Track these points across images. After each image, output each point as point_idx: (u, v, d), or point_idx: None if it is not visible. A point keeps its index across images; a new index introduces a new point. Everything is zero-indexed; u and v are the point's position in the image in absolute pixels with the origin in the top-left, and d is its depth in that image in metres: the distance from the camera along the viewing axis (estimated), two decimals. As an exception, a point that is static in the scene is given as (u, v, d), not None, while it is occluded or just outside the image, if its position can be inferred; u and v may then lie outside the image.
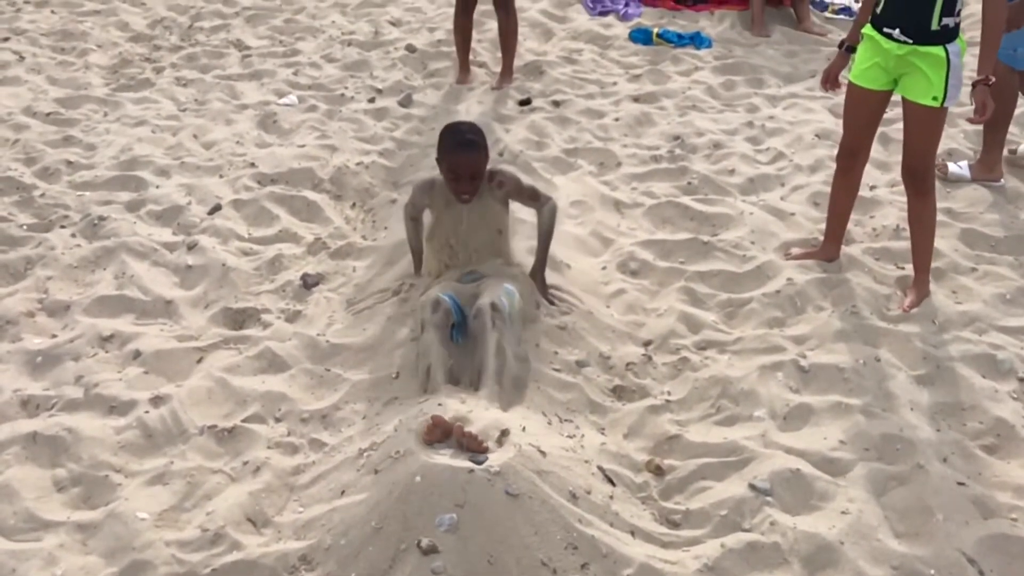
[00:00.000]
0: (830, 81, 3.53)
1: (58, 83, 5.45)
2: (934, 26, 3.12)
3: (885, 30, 3.23)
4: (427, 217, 3.34)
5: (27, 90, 5.30)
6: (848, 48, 3.49)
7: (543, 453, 2.53)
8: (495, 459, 2.42)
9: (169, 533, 2.48)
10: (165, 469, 2.69)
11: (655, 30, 6.31)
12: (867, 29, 3.33)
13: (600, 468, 2.69)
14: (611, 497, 2.58)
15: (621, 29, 6.46)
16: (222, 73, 5.68)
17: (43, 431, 2.78)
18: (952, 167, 4.37)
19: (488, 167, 3.14)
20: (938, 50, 3.15)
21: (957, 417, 2.95)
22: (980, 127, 4.30)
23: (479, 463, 2.39)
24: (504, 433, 2.55)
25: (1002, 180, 4.36)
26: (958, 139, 4.77)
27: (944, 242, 3.78)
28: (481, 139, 3.05)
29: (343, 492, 2.55)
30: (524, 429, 2.62)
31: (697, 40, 6.23)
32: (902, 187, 4.23)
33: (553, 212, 3.28)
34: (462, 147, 3.01)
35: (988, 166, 4.36)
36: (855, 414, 2.90)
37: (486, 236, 3.22)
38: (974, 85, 3.14)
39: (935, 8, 3.10)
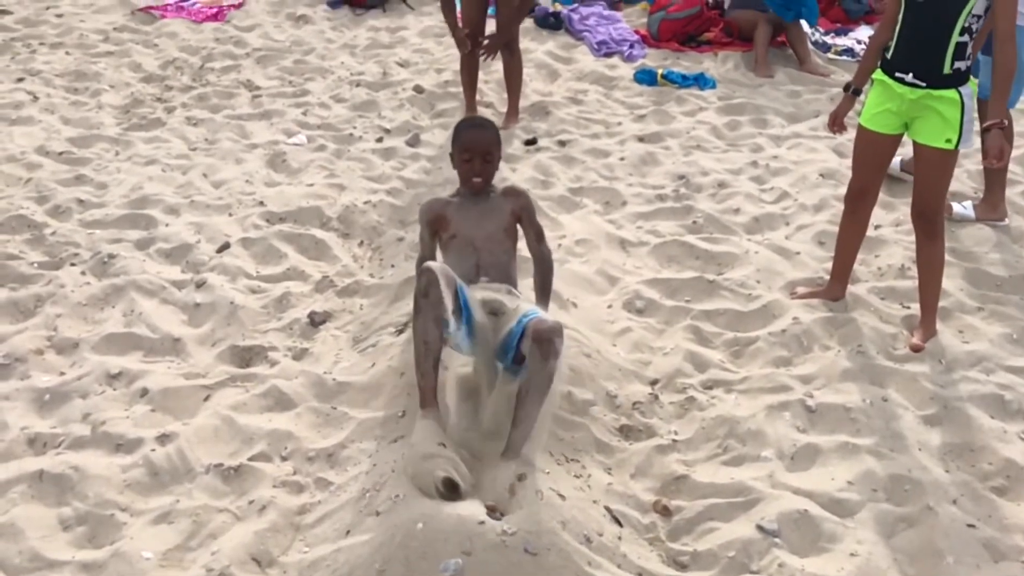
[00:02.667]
0: (837, 124, 3.56)
1: (71, 122, 5.52)
2: (947, 70, 3.16)
3: (897, 75, 3.26)
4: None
5: (40, 129, 5.37)
6: (854, 91, 3.52)
7: (563, 497, 2.51)
8: (516, 519, 2.38)
9: (174, 573, 2.47)
10: (171, 508, 2.69)
11: (660, 71, 6.39)
12: (878, 74, 3.36)
13: (607, 509, 2.67)
14: (619, 538, 2.57)
15: (626, 70, 6.54)
16: (232, 113, 5.75)
17: (50, 469, 2.78)
18: (957, 207, 4.39)
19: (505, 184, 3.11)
20: (952, 93, 3.18)
21: (966, 458, 2.94)
22: (980, 167, 4.33)
23: (495, 518, 2.36)
24: (521, 478, 2.52)
25: (1007, 220, 4.38)
26: (962, 179, 4.80)
27: (950, 282, 3.79)
28: (494, 128, 3.09)
29: (348, 532, 2.54)
30: (548, 473, 2.58)
31: (701, 81, 6.30)
32: (907, 226, 4.26)
33: (552, 261, 3.14)
34: (475, 127, 3.05)
35: (992, 206, 4.38)
36: (863, 454, 2.89)
37: (496, 233, 3.00)
38: (987, 129, 3.14)
39: (947, 53, 3.14)
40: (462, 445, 2.65)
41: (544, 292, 3.11)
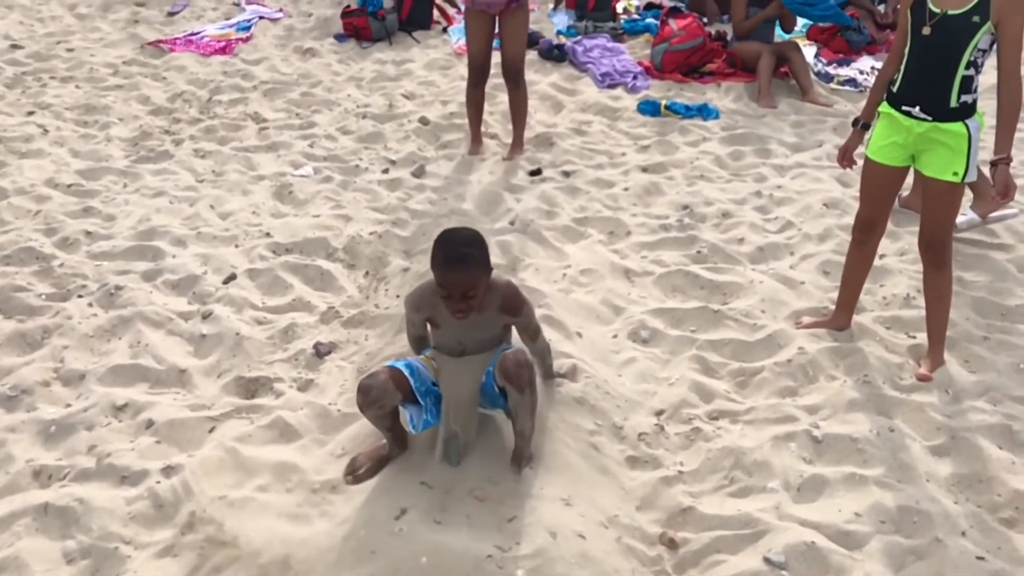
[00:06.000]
0: (846, 159, 3.57)
1: (80, 155, 5.58)
2: (953, 103, 3.16)
3: (904, 108, 3.27)
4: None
5: (50, 162, 5.43)
6: (862, 126, 3.53)
7: (583, 537, 2.50)
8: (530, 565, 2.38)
9: (177, 607, 2.46)
10: (175, 540, 2.68)
11: (663, 102, 6.43)
12: (884, 107, 3.38)
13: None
14: (632, 572, 2.55)
15: (629, 101, 6.59)
16: (239, 145, 5.81)
17: (54, 502, 2.78)
18: (959, 220, 4.38)
19: (508, 288, 2.79)
20: (958, 126, 3.19)
21: (974, 489, 2.92)
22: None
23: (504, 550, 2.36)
24: (511, 519, 2.52)
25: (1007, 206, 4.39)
26: (965, 207, 4.80)
27: (956, 311, 3.78)
28: (478, 251, 2.61)
29: (353, 565, 2.52)
30: (583, 516, 2.59)
31: (704, 111, 6.34)
32: (911, 256, 4.27)
33: (549, 350, 3.10)
34: (453, 263, 2.56)
35: (982, 195, 4.39)
36: (870, 485, 2.87)
37: (487, 340, 2.87)
38: (994, 164, 3.14)
39: (954, 86, 3.15)
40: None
41: (544, 376, 3.10)
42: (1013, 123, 3.13)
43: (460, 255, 2.57)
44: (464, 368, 2.81)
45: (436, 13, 8.47)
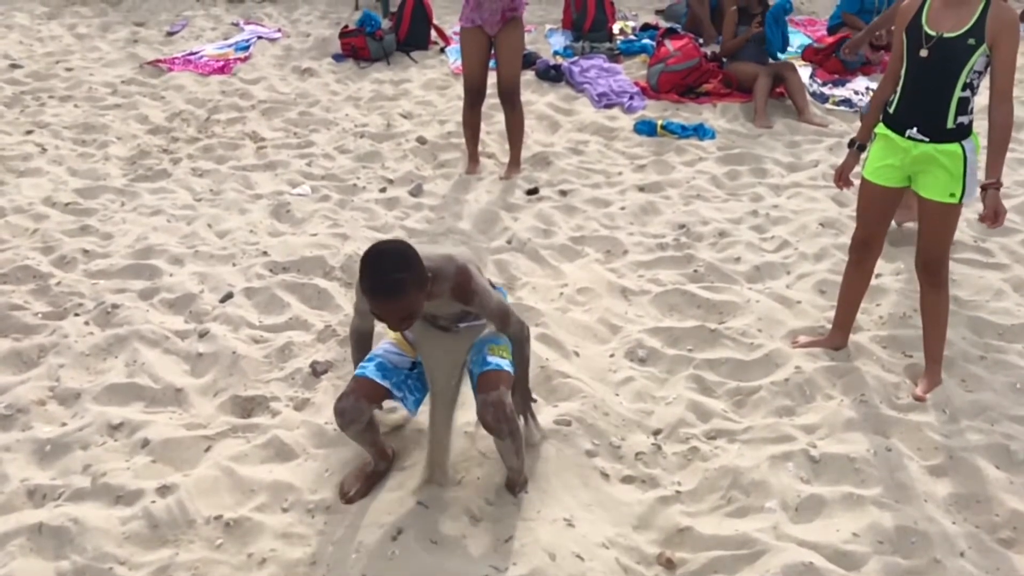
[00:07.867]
0: (843, 180, 3.59)
1: (78, 174, 5.59)
2: (950, 124, 3.17)
3: (901, 129, 3.28)
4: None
5: (48, 181, 5.43)
6: (858, 147, 3.55)
7: (581, 558, 2.49)
8: None
9: (171, 628, 2.44)
10: (170, 561, 2.66)
11: (659, 122, 6.47)
12: (880, 128, 3.39)
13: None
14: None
15: (626, 121, 6.63)
16: (237, 164, 5.82)
17: (49, 521, 2.76)
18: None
19: (458, 276, 2.56)
20: (955, 147, 3.19)
21: (972, 509, 2.91)
22: (975, 215, 4.37)
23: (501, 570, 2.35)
24: (508, 539, 2.51)
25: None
26: (962, 228, 4.82)
27: (952, 330, 3.78)
28: (411, 273, 2.32)
29: (349, 586, 2.51)
30: (581, 537, 2.58)
31: (701, 131, 6.37)
32: (907, 275, 4.28)
33: (522, 337, 2.79)
34: (382, 294, 2.29)
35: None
36: (868, 505, 2.87)
37: (451, 317, 2.76)
38: (985, 188, 3.14)
39: (950, 108, 3.16)
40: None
41: (521, 367, 2.91)
42: (1004, 147, 3.14)
43: (390, 283, 2.28)
44: (445, 342, 2.80)
45: (434, 33, 8.52)
